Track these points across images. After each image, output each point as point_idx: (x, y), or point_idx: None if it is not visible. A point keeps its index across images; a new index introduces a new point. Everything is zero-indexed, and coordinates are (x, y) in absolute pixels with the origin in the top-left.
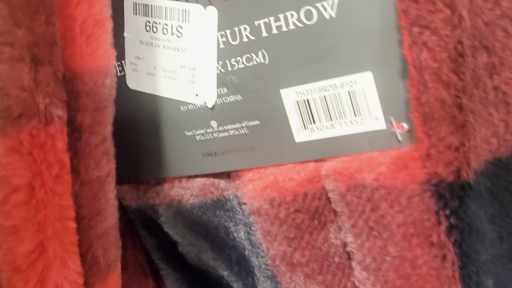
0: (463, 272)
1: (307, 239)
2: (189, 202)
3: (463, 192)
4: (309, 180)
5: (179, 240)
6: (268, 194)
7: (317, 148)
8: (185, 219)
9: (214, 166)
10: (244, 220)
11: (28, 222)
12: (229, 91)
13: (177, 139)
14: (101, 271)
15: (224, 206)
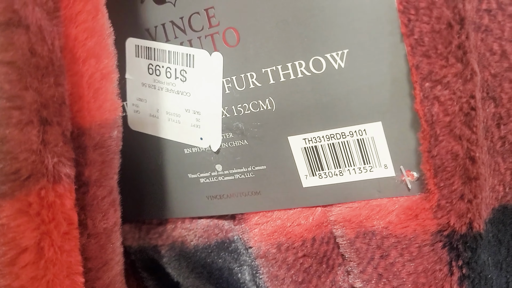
0: None
1: (315, 283)
2: (192, 244)
3: (475, 243)
4: (318, 225)
5: (182, 282)
6: (276, 238)
7: (325, 194)
8: (188, 261)
9: (219, 209)
10: (250, 262)
11: (37, 282)
12: (234, 136)
13: (181, 181)
14: None
15: (229, 247)
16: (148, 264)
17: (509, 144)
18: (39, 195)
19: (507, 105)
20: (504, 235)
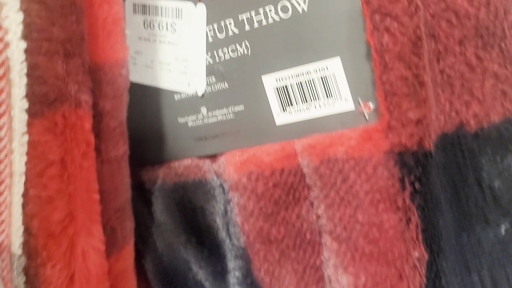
0: (425, 234)
1: (283, 215)
2: (173, 181)
3: (425, 160)
4: (286, 156)
5: (157, 219)
6: (247, 168)
7: (295, 129)
8: (165, 197)
9: (205, 150)
10: (223, 199)
11: (61, 193)
12: (217, 79)
13: (172, 126)
14: (118, 242)
15: (204, 187)
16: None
17: (447, 77)
18: (64, 116)
19: (445, 41)
20: (446, 160)
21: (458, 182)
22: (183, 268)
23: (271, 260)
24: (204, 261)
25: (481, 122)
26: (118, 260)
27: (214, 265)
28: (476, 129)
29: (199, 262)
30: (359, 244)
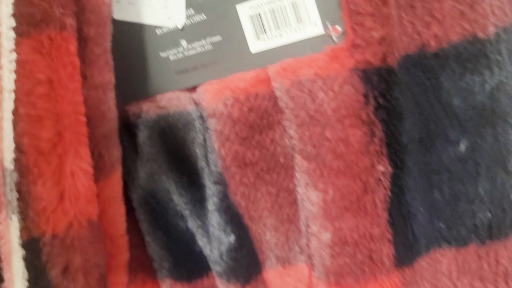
0: (389, 149)
1: (257, 139)
2: (155, 113)
3: (388, 76)
4: (260, 81)
5: (141, 150)
6: (223, 94)
7: (269, 57)
8: (148, 129)
9: (186, 82)
10: (202, 128)
11: (49, 112)
12: (195, 11)
13: (155, 61)
14: (106, 168)
15: (185, 118)
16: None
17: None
18: (49, 37)
19: None
20: (409, 80)
21: (421, 101)
22: (164, 197)
23: (246, 183)
24: (183, 189)
25: (441, 42)
26: (106, 186)
27: (194, 193)
28: (436, 50)
29: (179, 190)
30: (327, 160)
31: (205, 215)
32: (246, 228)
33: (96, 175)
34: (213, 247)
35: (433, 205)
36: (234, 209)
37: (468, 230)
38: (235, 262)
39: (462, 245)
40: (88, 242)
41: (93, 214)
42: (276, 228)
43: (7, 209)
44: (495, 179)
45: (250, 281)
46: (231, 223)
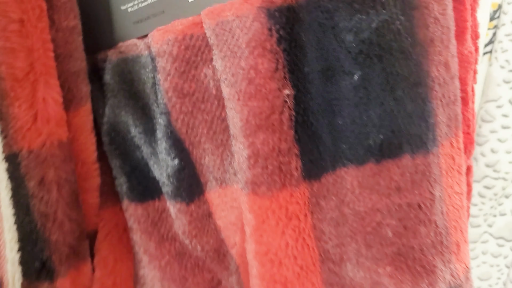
0: (292, 76)
1: (193, 73)
2: (117, 57)
3: (288, 12)
4: (195, 24)
5: (106, 90)
6: (166, 36)
7: (203, 4)
8: (111, 70)
9: (141, 31)
10: (153, 68)
11: (21, 46)
12: None
13: (117, 13)
14: (75, 100)
15: (140, 60)
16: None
17: None
18: None
19: None
20: (310, 19)
21: (321, 38)
22: (123, 129)
23: (185, 112)
24: (138, 120)
25: None
26: (76, 116)
27: (147, 124)
28: None
29: (135, 122)
30: (242, 86)
31: (155, 142)
32: (187, 152)
33: (66, 105)
34: (162, 171)
35: (335, 128)
36: (177, 135)
37: (365, 150)
38: (180, 182)
39: (361, 164)
40: (60, 160)
41: (63, 136)
42: (212, 152)
43: None
44: (384, 106)
45: (193, 200)
46: (174, 148)
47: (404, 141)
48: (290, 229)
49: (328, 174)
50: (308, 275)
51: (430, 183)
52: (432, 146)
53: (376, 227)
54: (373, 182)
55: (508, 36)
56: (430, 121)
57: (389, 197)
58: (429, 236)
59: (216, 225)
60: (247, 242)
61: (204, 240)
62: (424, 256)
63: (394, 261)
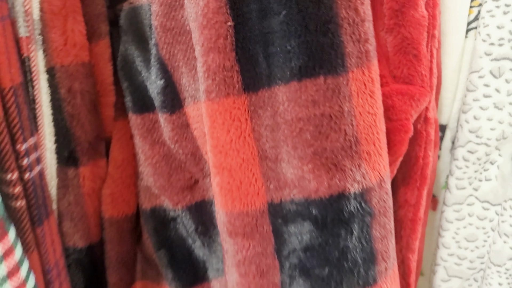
0: (233, 12)
1: (173, 14)
2: (128, 6)
3: None
4: None
5: (121, 36)
6: None
7: None
8: (124, 18)
9: None
10: (149, 13)
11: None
12: None
13: None
14: (96, 35)
15: (143, 8)
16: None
17: None
18: None
19: None
20: None
21: None
22: (130, 60)
23: (167, 42)
24: (140, 52)
25: None
26: (96, 47)
27: (145, 55)
28: None
29: (138, 53)
30: (199, 20)
31: (150, 68)
32: (170, 74)
33: (89, 37)
34: (153, 89)
35: (268, 54)
36: (162, 61)
37: (290, 71)
38: (165, 97)
39: (288, 82)
40: (83, 75)
41: (86, 59)
42: (187, 74)
43: (36, 45)
44: (301, 37)
45: (175, 112)
46: (161, 71)
47: (317, 65)
48: (234, 128)
49: (264, 89)
50: (249, 166)
51: (340, 99)
52: (341, 71)
53: (299, 132)
54: (296, 96)
55: (489, 12)
56: (339, 51)
57: (308, 108)
58: (339, 141)
59: (192, 134)
60: (206, 139)
61: (184, 145)
62: (335, 156)
63: (313, 160)
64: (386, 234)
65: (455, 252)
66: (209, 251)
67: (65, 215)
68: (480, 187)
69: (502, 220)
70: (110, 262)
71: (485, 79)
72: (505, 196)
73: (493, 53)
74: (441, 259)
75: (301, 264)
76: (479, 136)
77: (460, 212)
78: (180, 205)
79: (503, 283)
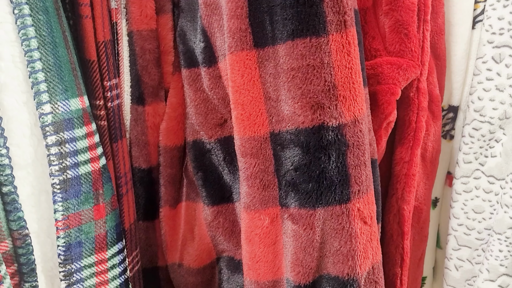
0: None
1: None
2: None
3: None
4: None
5: (180, 11)
6: None
7: None
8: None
9: None
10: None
11: None
12: None
13: None
14: (162, 10)
15: None
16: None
17: None
18: None
19: None
20: None
21: None
22: (185, 30)
23: (207, 14)
24: (191, 23)
25: None
26: (162, 18)
27: (195, 24)
28: None
29: (190, 25)
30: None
31: (196, 35)
32: (208, 38)
33: (157, 11)
34: (197, 50)
35: (273, 21)
36: (204, 28)
37: (286, 33)
38: (205, 55)
39: (285, 41)
40: (151, 38)
41: (154, 27)
42: (220, 38)
43: (122, 15)
44: (294, 7)
45: (211, 66)
46: (202, 36)
47: (305, 28)
48: (246, 74)
49: (269, 46)
50: (257, 103)
51: (321, 54)
52: (323, 34)
53: (292, 78)
54: (290, 51)
55: (491, 6)
56: (322, 19)
57: (298, 60)
58: (320, 85)
59: (223, 83)
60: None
61: (217, 91)
62: (316, 97)
63: (301, 99)
64: (359, 163)
65: (464, 222)
66: (234, 177)
67: (134, 142)
68: (486, 162)
69: (504, 192)
70: (163, 181)
71: (487, 64)
72: (507, 171)
73: (495, 41)
74: (452, 229)
75: (293, 181)
76: (483, 114)
77: (467, 184)
78: (213, 138)
79: (503, 250)
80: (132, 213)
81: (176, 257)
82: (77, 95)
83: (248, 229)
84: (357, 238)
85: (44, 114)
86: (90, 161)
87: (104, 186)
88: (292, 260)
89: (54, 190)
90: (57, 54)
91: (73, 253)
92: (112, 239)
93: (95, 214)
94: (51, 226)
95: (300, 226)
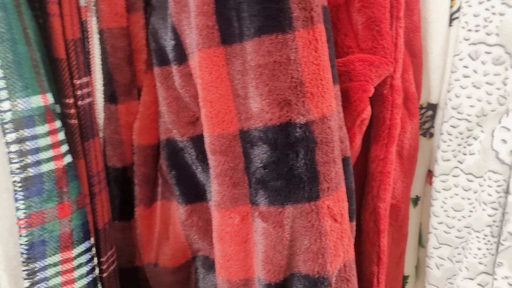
0: None
1: None
2: None
3: None
4: None
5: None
6: None
7: None
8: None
9: None
10: None
11: None
12: None
13: None
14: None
15: None
16: None
17: None
18: None
19: None
20: None
21: None
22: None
23: (176, 11)
24: (162, 22)
25: None
26: (133, 16)
27: (165, 24)
28: None
29: (161, 23)
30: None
31: (167, 33)
32: (178, 36)
33: (128, 9)
34: (168, 47)
35: (241, 18)
36: (173, 25)
37: (254, 30)
38: (175, 52)
39: (252, 38)
40: (121, 35)
41: (124, 24)
42: (189, 36)
43: (91, 13)
44: (260, 4)
45: (182, 63)
46: (172, 33)
47: (271, 25)
48: (214, 71)
49: (236, 44)
50: (225, 100)
51: (288, 51)
52: (289, 30)
53: (260, 75)
54: (257, 48)
55: (467, 3)
56: (288, 16)
57: (265, 57)
58: (287, 82)
59: (194, 81)
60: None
61: (188, 89)
62: (283, 93)
63: (268, 96)
64: (328, 160)
65: (444, 220)
66: (207, 176)
67: (108, 141)
68: (464, 160)
69: (482, 190)
70: (137, 180)
71: (464, 61)
72: (485, 168)
73: (471, 38)
74: (432, 227)
75: (262, 178)
76: (460, 112)
77: (446, 182)
78: (186, 136)
79: (482, 248)
80: (107, 212)
81: (152, 256)
82: (39, 93)
83: (219, 228)
84: (327, 235)
85: (2, 112)
86: (53, 159)
87: (69, 185)
88: (263, 258)
89: (15, 188)
90: (17, 51)
91: (36, 252)
92: (78, 238)
93: (59, 213)
94: (13, 225)
95: (269, 224)
